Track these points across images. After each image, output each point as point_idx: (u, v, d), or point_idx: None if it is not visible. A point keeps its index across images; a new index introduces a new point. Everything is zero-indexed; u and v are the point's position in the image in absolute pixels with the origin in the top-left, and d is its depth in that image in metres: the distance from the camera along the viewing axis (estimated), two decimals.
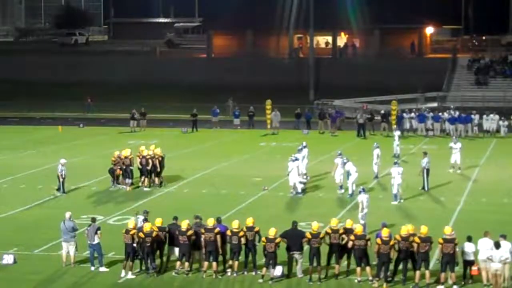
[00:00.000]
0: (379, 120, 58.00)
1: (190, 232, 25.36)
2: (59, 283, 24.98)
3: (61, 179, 36.91)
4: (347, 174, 36.47)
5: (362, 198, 30.37)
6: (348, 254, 25.07)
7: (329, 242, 25.11)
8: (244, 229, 25.33)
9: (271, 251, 24.80)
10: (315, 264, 24.85)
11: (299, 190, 36.57)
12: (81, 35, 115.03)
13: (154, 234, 25.19)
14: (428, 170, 37.69)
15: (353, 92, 70.32)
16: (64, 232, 26.44)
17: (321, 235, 25.04)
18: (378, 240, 24.35)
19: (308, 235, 25.00)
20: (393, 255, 24.41)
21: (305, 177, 39.15)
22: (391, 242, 24.27)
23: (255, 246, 25.29)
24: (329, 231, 25.25)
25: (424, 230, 24.36)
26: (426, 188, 37.53)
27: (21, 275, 25.55)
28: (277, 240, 24.88)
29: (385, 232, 24.43)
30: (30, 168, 43.40)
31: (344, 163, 36.67)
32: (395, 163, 36.27)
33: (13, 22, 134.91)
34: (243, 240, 25.27)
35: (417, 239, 24.19)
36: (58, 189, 37.04)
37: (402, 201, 35.13)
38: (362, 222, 29.01)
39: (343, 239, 25.07)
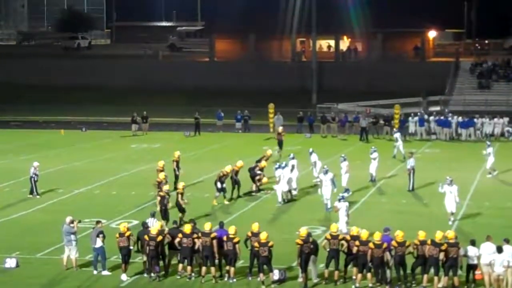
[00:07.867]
0: (382, 124, 57.96)
1: (195, 236, 25.35)
2: (61, 287, 24.95)
3: (33, 182, 37.08)
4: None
5: (341, 205, 29.67)
6: (353, 260, 24.80)
7: (328, 248, 24.96)
8: (249, 234, 25.23)
9: (264, 255, 24.66)
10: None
11: (280, 199, 35.83)
12: (84, 39, 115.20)
13: (159, 238, 25.18)
14: (413, 171, 37.76)
15: (355, 96, 70.28)
16: (63, 236, 26.58)
17: (311, 239, 24.79)
18: (371, 245, 24.33)
19: (298, 241, 24.71)
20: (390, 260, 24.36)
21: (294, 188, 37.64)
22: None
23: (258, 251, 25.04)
24: (329, 237, 25.10)
25: (439, 235, 24.25)
26: (412, 189, 37.55)
27: (24, 279, 25.54)
28: (270, 244, 24.70)
29: (376, 236, 24.40)
30: None
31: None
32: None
33: (16, 26, 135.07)
34: (237, 246, 25.05)
35: (429, 242, 24.15)
36: (31, 192, 37.14)
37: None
38: (344, 231, 27.95)
39: (342, 245, 24.96)
